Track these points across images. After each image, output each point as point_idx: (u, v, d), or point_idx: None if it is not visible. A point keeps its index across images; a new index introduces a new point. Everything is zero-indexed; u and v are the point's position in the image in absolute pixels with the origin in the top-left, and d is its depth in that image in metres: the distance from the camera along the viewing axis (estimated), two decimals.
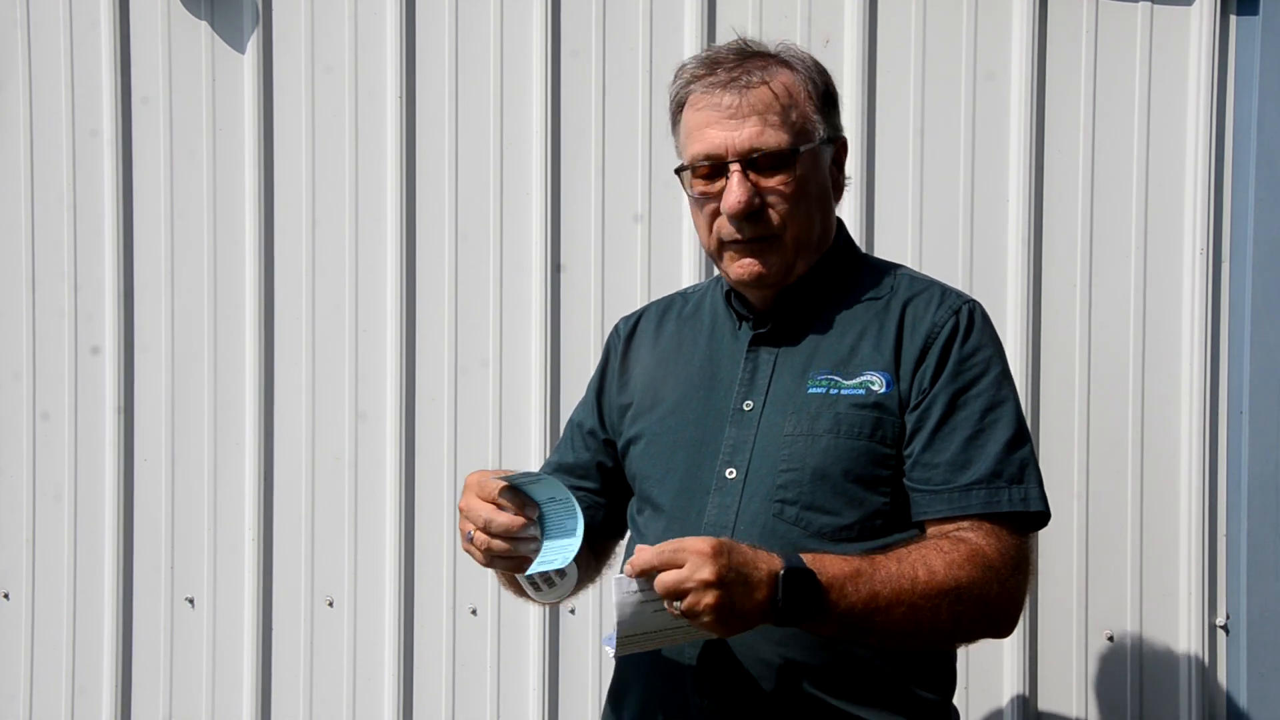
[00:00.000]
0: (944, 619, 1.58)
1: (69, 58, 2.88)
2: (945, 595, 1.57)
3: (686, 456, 1.75)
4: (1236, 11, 2.59)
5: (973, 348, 1.70)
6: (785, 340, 1.76)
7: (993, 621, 1.65)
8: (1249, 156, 2.58)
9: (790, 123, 1.69)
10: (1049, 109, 2.62)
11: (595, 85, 2.72)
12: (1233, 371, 2.60)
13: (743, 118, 1.68)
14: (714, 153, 1.69)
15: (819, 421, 1.68)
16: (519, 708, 2.76)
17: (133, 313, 2.87)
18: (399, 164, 2.77)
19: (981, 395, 1.68)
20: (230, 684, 2.86)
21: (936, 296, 1.75)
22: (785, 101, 1.70)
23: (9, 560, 2.93)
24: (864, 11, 2.63)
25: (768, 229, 1.70)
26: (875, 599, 1.54)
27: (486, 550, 1.65)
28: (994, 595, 1.61)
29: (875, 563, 1.57)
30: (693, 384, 1.80)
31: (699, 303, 1.91)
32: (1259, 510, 2.58)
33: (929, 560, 1.58)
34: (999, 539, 1.64)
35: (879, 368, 1.70)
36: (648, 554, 1.48)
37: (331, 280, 2.81)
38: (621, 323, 1.99)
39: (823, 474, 1.67)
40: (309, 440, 2.82)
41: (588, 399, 1.98)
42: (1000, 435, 1.67)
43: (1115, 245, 2.61)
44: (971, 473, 1.65)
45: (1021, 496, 1.66)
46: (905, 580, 1.56)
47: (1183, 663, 2.61)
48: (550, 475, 1.69)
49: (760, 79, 1.69)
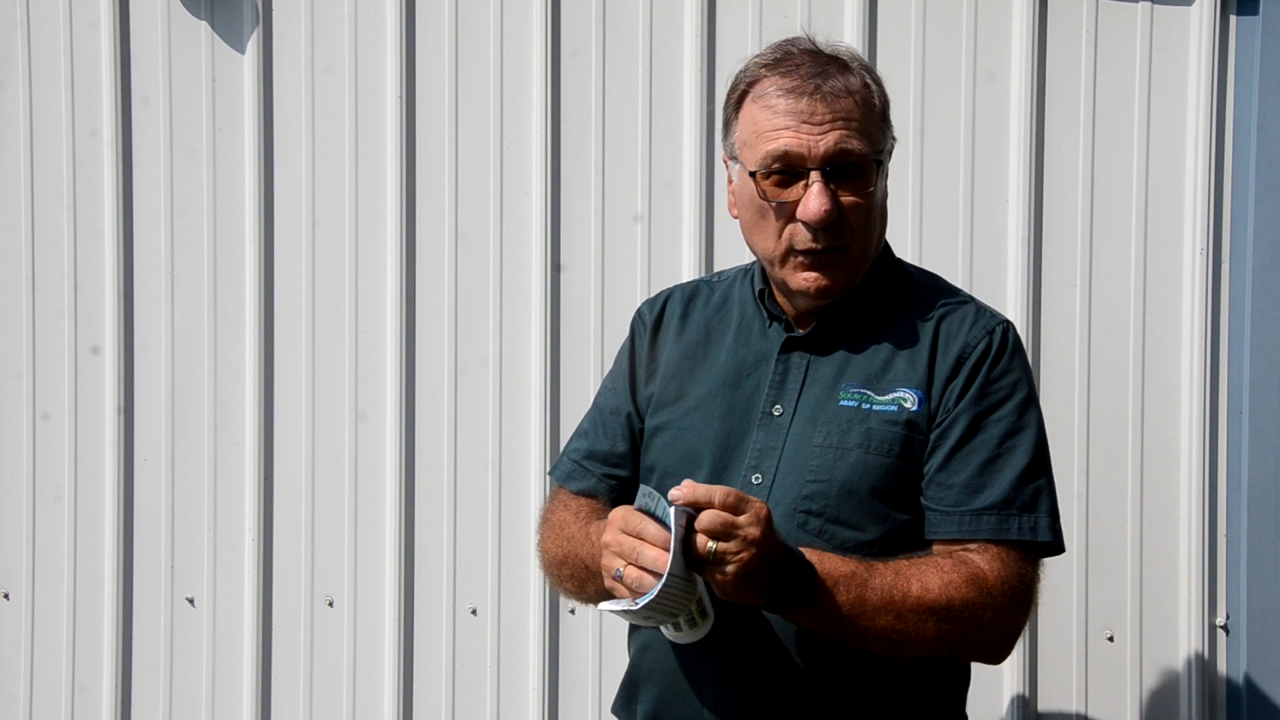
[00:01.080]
0: (929, 635, 1.59)
1: (69, 58, 2.88)
2: (934, 613, 1.58)
3: (712, 456, 1.73)
4: (1236, 11, 2.59)
5: (1001, 371, 1.70)
6: (818, 347, 1.74)
7: (981, 645, 1.66)
8: (1249, 156, 2.58)
9: (867, 132, 1.66)
10: (1049, 109, 2.62)
11: (595, 85, 2.72)
12: (1233, 371, 2.60)
13: (826, 124, 1.64)
14: (793, 154, 1.64)
15: (849, 435, 1.67)
16: (519, 708, 2.76)
17: (133, 313, 2.87)
18: (399, 164, 2.77)
19: (1003, 420, 1.68)
20: (230, 684, 2.86)
21: (971, 314, 1.74)
22: (863, 111, 1.67)
23: (9, 560, 2.93)
24: (864, 11, 2.63)
25: (840, 240, 1.67)
26: (863, 603, 1.55)
27: (638, 585, 1.51)
28: (986, 621, 1.61)
29: (872, 569, 1.58)
30: (718, 380, 1.77)
31: (726, 294, 1.88)
32: (1259, 510, 2.58)
33: (925, 577, 1.59)
34: (1003, 565, 1.64)
35: (912, 385, 1.69)
36: (709, 489, 1.48)
37: (331, 280, 2.80)
38: (645, 307, 1.93)
39: (850, 489, 1.66)
40: (309, 440, 2.82)
41: (619, 385, 1.90)
42: (1017, 462, 1.67)
43: (1115, 245, 2.61)
44: (984, 497, 1.65)
45: (1031, 525, 1.66)
46: (897, 591, 1.57)
47: (1183, 663, 2.61)
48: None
49: (843, 85, 1.65)
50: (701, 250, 2.68)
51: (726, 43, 2.67)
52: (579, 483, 1.87)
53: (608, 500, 1.84)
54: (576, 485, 1.88)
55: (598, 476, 1.86)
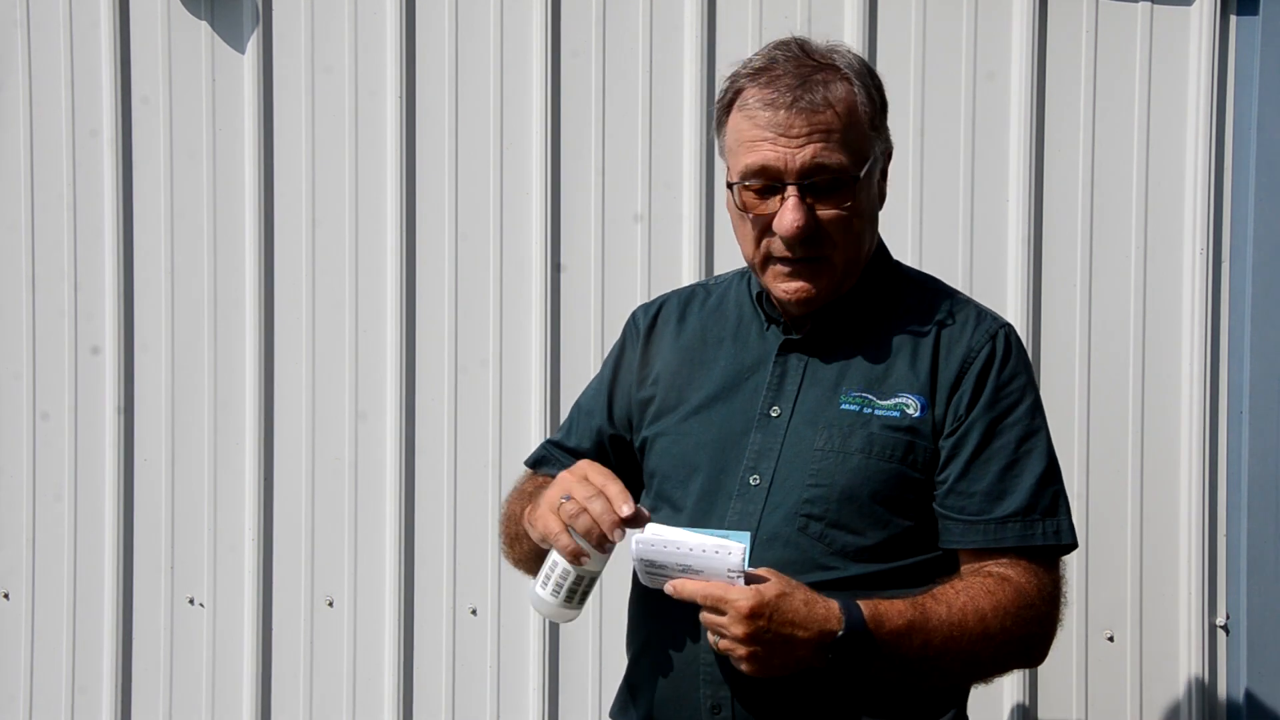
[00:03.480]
0: (984, 661, 1.62)
1: (69, 58, 2.88)
2: (991, 640, 1.60)
3: (710, 459, 1.73)
4: (1236, 11, 2.59)
5: (1009, 375, 1.70)
6: (817, 349, 1.74)
7: (1028, 656, 1.69)
8: (1249, 156, 2.58)
9: (849, 144, 1.65)
10: (1049, 109, 2.62)
11: (595, 85, 2.72)
12: (1233, 371, 2.60)
13: (803, 138, 1.63)
14: (770, 168, 1.64)
15: (851, 440, 1.67)
16: (519, 708, 2.76)
17: (133, 313, 2.87)
18: (399, 164, 2.77)
19: (1018, 424, 1.68)
20: (230, 684, 2.86)
21: (972, 318, 1.74)
22: (846, 122, 1.65)
23: (9, 560, 2.93)
24: (864, 11, 2.63)
25: (819, 251, 1.67)
26: (927, 649, 1.57)
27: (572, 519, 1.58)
28: (1034, 636, 1.65)
29: (928, 611, 1.58)
30: (717, 384, 1.77)
31: (722, 296, 1.87)
32: (1259, 510, 2.58)
33: (979, 605, 1.60)
34: (1038, 576, 1.66)
35: (914, 390, 1.69)
36: (693, 587, 1.52)
37: (331, 280, 2.80)
38: (640, 311, 1.93)
39: (851, 494, 1.66)
40: (309, 440, 2.82)
41: (600, 389, 1.93)
42: (1035, 467, 1.68)
43: (1115, 245, 2.61)
44: (1007, 505, 1.66)
45: (1055, 530, 1.68)
46: (956, 629, 1.58)
47: (1183, 663, 2.61)
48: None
49: (824, 98, 1.63)
50: (701, 250, 2.68)
51: (726, 43, 2.67)
52: (550, 467, 1.92)
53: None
54: (547, 470, 1.92)
55: (566, 465, 1.89)
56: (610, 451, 1.90)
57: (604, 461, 1.86)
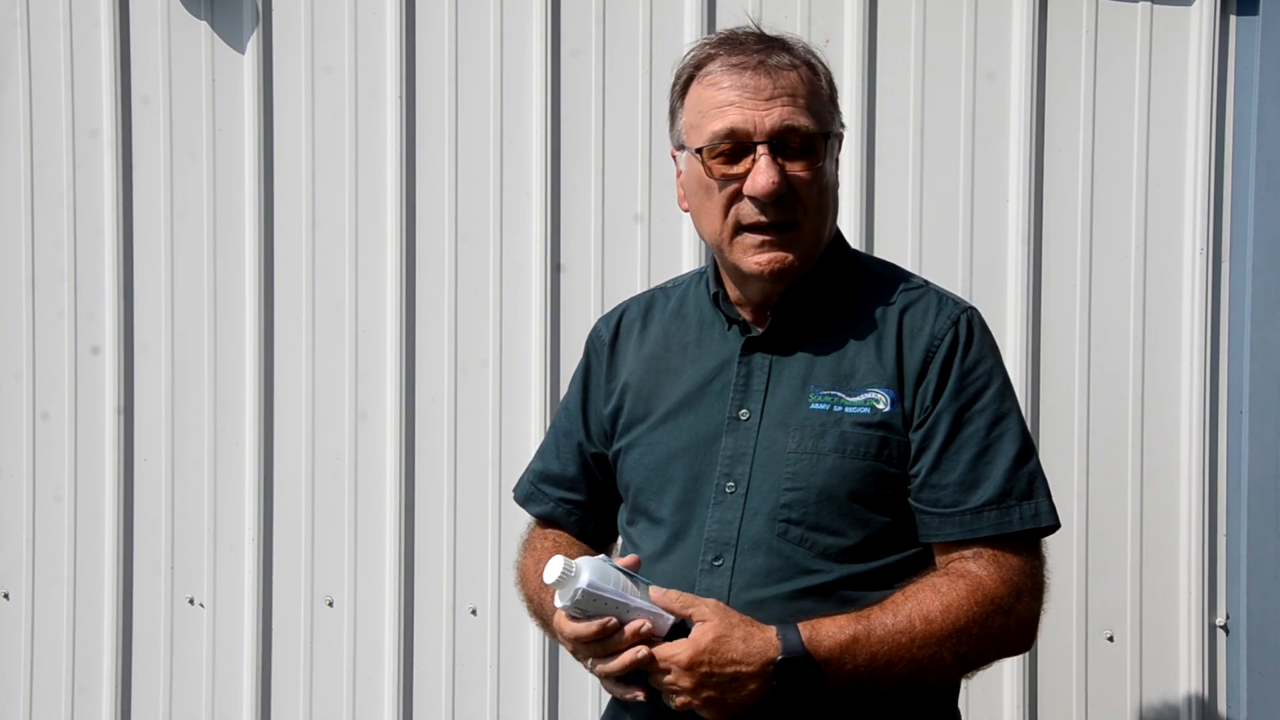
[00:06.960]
0: (948, 661, 1.60)
1: (69, 58, 2.88)
2: (945, 640, 1.58)
3: (684, 468, 1.72)
4: (1236, 11, 2.59)
5: (974, 360, 1.68)
6: (779, 346, 1.72)
7: (1002, 647, 1.66)
8: (1249, 156, 2.58)
9: (813, 110, 1.66)
10: (1049, 109, 2.62)
11: (595, 85, 2.72)
12: (1233, 371, 2.60)
13: (772, 99, 1.63)
14: (740, 130, 1.63)
15: (823, 440, 1.65)
16: (519, 708, 2.76)
17: (133, 313, 2.87)
18: (399, 164, 2.77)
19: (986, 410, 1.66)
20: (230, 684, 2.86)
21: (934, 304, 1.71)
22: (810, 89, 1.67)
23: (9, 560, 2.93)
24: (864, 11, 2.63)
25: (791, 215, 1.65)
26: (874, 660, 1.57)
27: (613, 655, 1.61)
28: (998, 626, 1.62)
29: (871, 622, 1.57)
30: (683, 390, 1.75)
31: (681, 300, 1.85)
32: (1259, 510, 2.58)
33: (926, 608, 1.59)
34: (1000, 565, 1.63)
35: (882, 384, 1.67)
36: (627, 658, 1.57)
37: (331, 280, 2.81)
38: (602, 324, 1.92)
39: (828, 494, 1.65)
40: (309, 440, 2.82)
41: (572, 406, 1.92)
42: (1007, 450, 1.66)
43: (1115, 245, 2.61)
44: (981, 493, 1.64)
45: (1033, 513, 1.65)
46: (903, 636, 1.57)
47: (1183, 663, 2.61)
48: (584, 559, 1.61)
49: (789, 62, 1.66)
50: (701, 250, 2.67)
51: None
52: (538, 506, 1.92)
53: (572, 528, 1.90)
54: (536, 509, 1.93)
55: (554, 501, 1.90)
56: (595, 469, 1.88)
57: (591, 481, 1.88)
